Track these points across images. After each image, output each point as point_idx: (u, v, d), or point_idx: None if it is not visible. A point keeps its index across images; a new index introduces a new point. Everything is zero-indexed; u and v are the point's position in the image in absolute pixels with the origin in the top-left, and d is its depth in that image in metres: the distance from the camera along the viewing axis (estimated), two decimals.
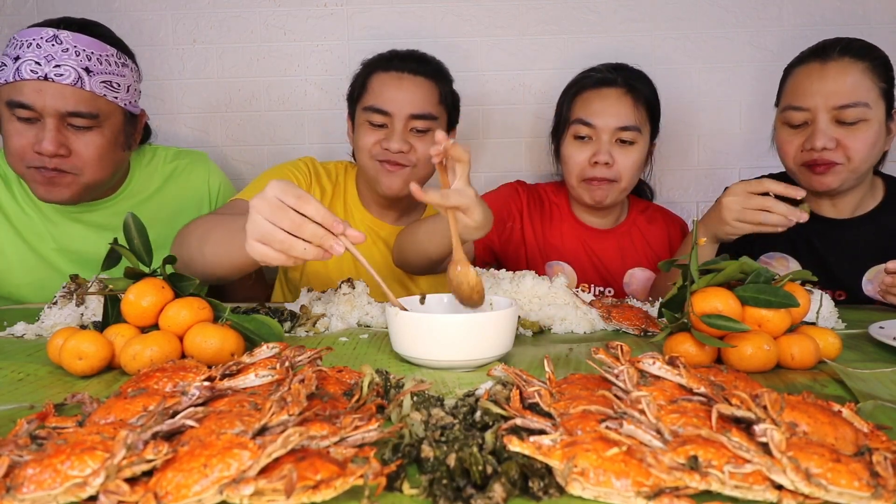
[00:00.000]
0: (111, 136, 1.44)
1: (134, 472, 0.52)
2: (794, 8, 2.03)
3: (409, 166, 1.60)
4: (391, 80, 1.59)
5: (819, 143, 1.39)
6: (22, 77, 1.34)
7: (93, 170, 1.42)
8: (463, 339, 0.88)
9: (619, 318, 1.15)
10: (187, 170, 1.68)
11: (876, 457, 0.54)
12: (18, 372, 0.91)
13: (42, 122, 1.36)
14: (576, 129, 1.59)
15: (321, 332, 1.14)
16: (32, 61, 1.34)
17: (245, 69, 2.06)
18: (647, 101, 1.59)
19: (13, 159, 1.40)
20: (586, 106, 1.58)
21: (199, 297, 0.95)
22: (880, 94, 1.41)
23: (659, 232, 1.74)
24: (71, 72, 1.35)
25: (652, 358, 0.69)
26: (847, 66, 1.40)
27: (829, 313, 1.13)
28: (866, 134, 1.40)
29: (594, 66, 1.65)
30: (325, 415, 0.64)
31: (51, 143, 1.35)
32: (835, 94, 1.39)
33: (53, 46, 1.35)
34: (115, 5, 2.01)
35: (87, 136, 1.40)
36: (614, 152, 1.56)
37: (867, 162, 1.43)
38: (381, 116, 1.57)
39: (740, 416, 0.57)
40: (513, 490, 0.53)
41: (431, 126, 1.61)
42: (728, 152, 2.10)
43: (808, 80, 1.43)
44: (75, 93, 1.36)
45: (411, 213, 1.79)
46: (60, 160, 1.38)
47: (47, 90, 1.34)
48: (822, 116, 1.40)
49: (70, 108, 1.36)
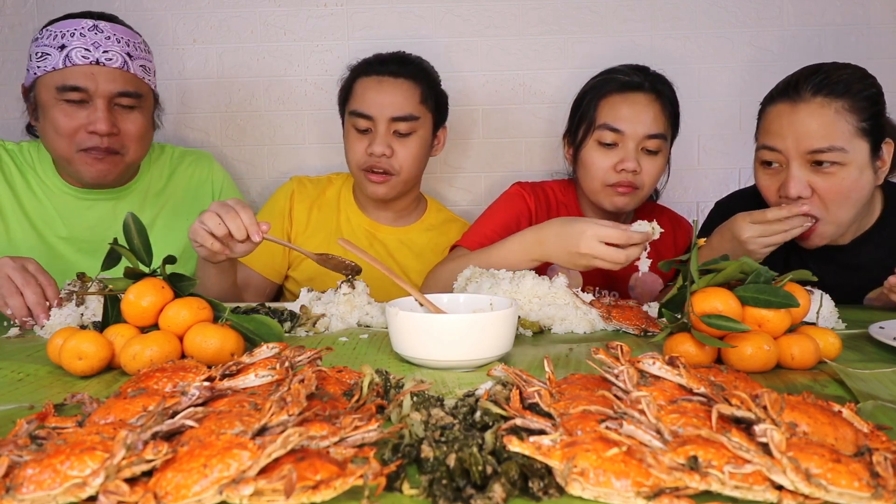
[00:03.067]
0: (149, 116, 1.57)
1: (134, 473, 0.52)
2: (794, 8, 2.03)
3: (393, 175, 1.63)
4: (372, 84, 1.63)
5: (793, 191, 1.31)
6: (74, 62, 1.44)
7: (136, 147, 1.53)
8: (463, 339, 0.88)
9: (619, 318, 1.15)
10: (192, 167, 1.74)
11: (876, 457, 0.54)
12: (18, 372, 0.91)
13: (92, 104, 1.45)
14: (601, 135, 1.54)
15: (321, 332, 1.14)
16: (82, 48, 1.44)
17: (245, 69, 2.06)
18: (672, 108, 1.57)
19: (62, 142, 1.47)
20: (614, 111, 1.54)
21: (199, 297, 0.95)
22: (859, 133, 1.29)
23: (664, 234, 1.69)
24: (118, 56, 1.47)
25: (652, 358, 0.69)
26: (818, 108, 1.29)
27: (829, 313, 1.13)
28: (843, 180, 1.29)
29: (615, 67, 1.61)
30: (324, 415, 0.64)
31: (104, 122, 1.45)
32: (807, 138, 1.29)
33: (97, 35, 1.46)
34: (116, 5, 2.01)
35: (132, 115, 1.51)
36: (640, 160, 1.53)
37: (850, 210, 1.33)
38: (365, 121, 1.61)
39: (740, 417, 0.57)
40: (513, 490, 0.53)
41: (414, 127, 1.63)
42: (728, 152, 2.10)
43: (777, 122, 1.34)
44: (123, 75, 1.48)
45: (409, 213, 1.80)
46: (112, 139, 1.47)
47: (99, 74, 1.45)
48: (794, 162, 1.31)
49: (119, 88, 1.47)
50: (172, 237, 1.64)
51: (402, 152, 1.62)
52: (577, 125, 1.62)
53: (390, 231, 1.77)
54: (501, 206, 1.69)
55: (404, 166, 1.63)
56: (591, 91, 1.60)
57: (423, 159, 1.69)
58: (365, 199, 1.76)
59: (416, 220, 1.81)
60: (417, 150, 1.65)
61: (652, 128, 1.52)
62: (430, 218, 1.82)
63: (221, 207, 1.21)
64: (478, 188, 2.14)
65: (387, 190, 1.65)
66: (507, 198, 1.71)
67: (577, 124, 1.62)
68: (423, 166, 1.71)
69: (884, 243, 1.43)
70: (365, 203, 1.77)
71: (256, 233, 1.20)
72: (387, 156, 1.60)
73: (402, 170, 1.64)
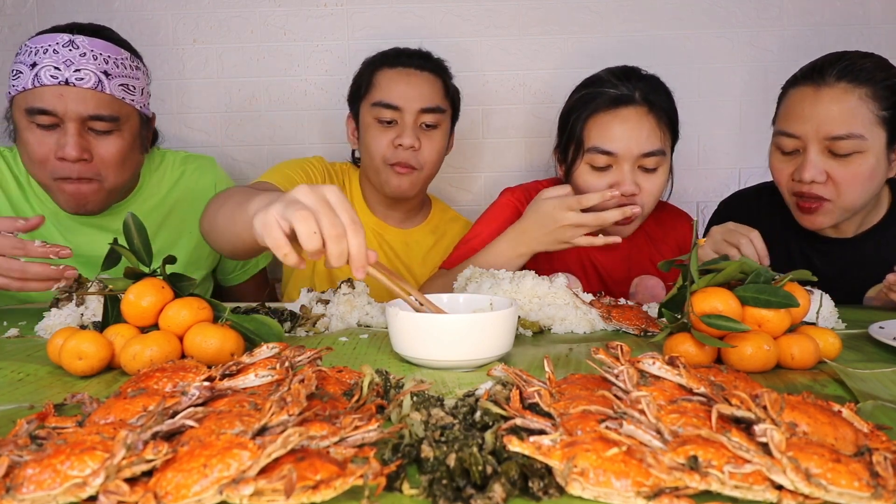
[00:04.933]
0: (130, 139, 1.44)
1: (134, 473, 0.52)
2: (794, 8, 2.03)
3: (416, 169, 1.61)
4: (399, 76, 1.60)
5: (807, 175, 1.31)
6: (42, 83, 1.32)
7: (115, 174, 1.42)
8: (463, 339, 0.88)
9: (619, 318, 1.15)
10: (195, 175, 1.67)
11: (876, 457, 0.54)
12: (18, 372, 0.91)
13: (63, 128, 1.35)
14: (592, 159, 1.42)
15: (321, 332, 1.14)
16: (52, 66, 1.32)
17: (245, 69, 2.06)
18: (668, 116, 1.44)
19: (36, 168, 1.38)
20: (604, 132, 1.40)
21: (199, 297, 0.95)
22: (879, 122, 1.29)
23: (665, 233, 1.66)
24: (91, 76, 1.34)
25: (652, 358, 0.69)
26: (842, 94, 1.29)
27: (829, 313, 1.13)
28: (860, 167, 1.30)
29: (600, 76, 1.48)
30: (325, 415, 0.64)
31: (73, 147, 1.33)
32: (827, 123, 1.29)
33: (71, 51, 1.34)
34: (116, 5, 2.01)
35: (108, 140, 1.39)
36: (638, 179, 1.41)
37: (861, 197, 1.34)
38: (391, 112, 1.57)
39: (740, 416, 0.57)
40: (513, 490, 0.53)
41: (440, 120, 1.61)
42: (728, 152, 2.11)
43: (800, 106, 1.33)
44: (96, 96, 1.36)
45: (415, 215, 1.79)
46: (84, 166, 1.37)
47: (69, 95, 1.33)
48: (812, 147, 1.31)
49: (91, 111, 1.35)
50: (176, 249, 1.59)
51: (428, 147, 1.60)
52: (566, 143, 1.49)
53: (397, 233, 1.75)
54: (493, 217, 1.60)
55: (428, 161, 1.61)
56: (577, 108, 1.47)
57: (442, 157, 1.67)
58: (374, 198, 1.73)
59: (422, 221, 1.79)
60: (441, 145, 1.63)
61: (647, 145, 1.39)
62: (434, 219, 1.81)
63: (326, 214, 0.80)
64: (478, 188, 2.14)
65: (409, 184, 1.61)
66: (498, 208, 1.62)
67: (566, 143, 1.49)
68: (440, 164, 1.68)
69: (889, 241, 1.43)
70: (374, 201, 1.74)
71: (361, 269, 0.83)
72: (415, 148, 1.57)
73: (426, 165, 1.61)
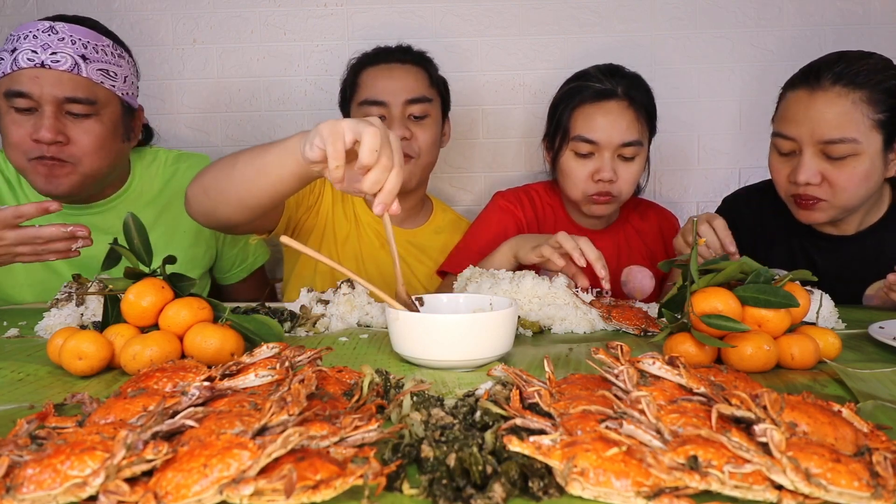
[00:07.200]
0: (110, 126, 1.43)
1: (134, 472, 0.52)
2: (794, 8, 2.03)
3: (413, 157, 1.62)
4: (381, 72, 1.62)
5: (802, 177, 1.33)
6: (19, 66, 1.34)
7: (91, 159, 1.41)
8: (463, 339, 0.88)
9: (619, 318, 1.15)
10: (189, 173, 1.64)
11: (876, 457, 0.54)
12: (18, 372, 0.91)
13: (40, 111, 1.35)
14: (576, 146, 1.56)
15: (321, 332, 1.14)
16: (29, 50, 1.34)
17: (245, 69, 2.06)
18: (647, 111, 1.58)
19: (13, 152, 1.38)
20: (588, 122, 1.55)
21: (199, 297, 0.95)
22: (874, 125, 1.29)
23: (651, 228, 1.75)
24: (67, 58, 1.35)
25: (652, 358, 0.69)
26: (836, 98, 1.30)
27: (829, 313, 1.13)
28: (855, 170, 1.31)
29: (587, 71, 1.61)
30: (325, 415, 0.64)
31: (49, 129, 1.34)
32: (821, 127, 1.30)
33: (50, 36, 1.36)
34: (115, 5, 2.01)
35: (85, 124, 1.39)
36: (617, 167, 1.55)
37: (857, 198, 1.35)
38: (379, 108, 1.60)
39: (740, 416, 0.57)
40: (513, 490, 0.53)
41: (428, 110, 1.63)
42: (728, 152, 2.11)
43: (795, 109, 1.35)
44: (72, 79, 1.36)
45: (417, 214, 1.79)
46: (59, 148, 1.37)
47: (44, 77, 1.34)
48: (807, 149, 1.33)
49: (67, 93, 1.36)
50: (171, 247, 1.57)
51: (421, 135, 1.61)
52: (554, 132, 1.63)
53: (399, 233, 1.74)
54: (487, 222, 1.68)
55: (423, 149, 1.62)
56: (564, 99, 1.61)
57: (437, 145, 1.69)
58: None
59: (424, 221, 1.79)
60: (433, 133, 1.65)
61: (626, 136, 1.53)
62: (437, 220, 1.81)
63: (388, 145, 0.93)
64: (478, 188, 2.14)
65: (408, 174, 1.61)
66: (491, 213, 1.70)
67: (554, 131, 1.63)
68: (437, 154, 1.70)
69: (891, 239, 1.44)
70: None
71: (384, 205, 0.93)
72: (406, 138, 1.59)
73: (422, 153, 1.63)
